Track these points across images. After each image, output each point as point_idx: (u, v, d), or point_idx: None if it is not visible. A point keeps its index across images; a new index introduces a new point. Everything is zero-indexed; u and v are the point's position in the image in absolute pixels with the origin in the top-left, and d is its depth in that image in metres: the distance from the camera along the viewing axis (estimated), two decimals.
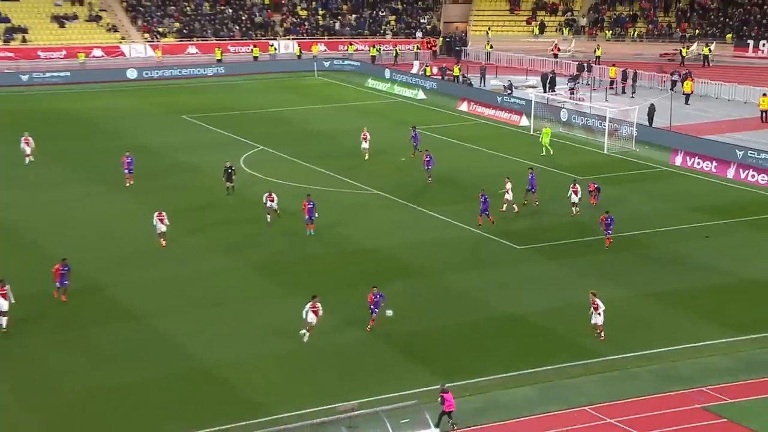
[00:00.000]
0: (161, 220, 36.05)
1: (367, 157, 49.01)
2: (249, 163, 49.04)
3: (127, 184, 43.88)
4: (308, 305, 28.20)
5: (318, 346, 28.14)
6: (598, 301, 28.61)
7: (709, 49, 78.30)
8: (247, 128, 57.46)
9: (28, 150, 48.53)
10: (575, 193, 39.71)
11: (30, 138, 48.78)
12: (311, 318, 28.20)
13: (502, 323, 29.94)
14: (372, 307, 29.08)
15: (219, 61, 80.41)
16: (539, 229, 37.96)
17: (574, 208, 39.73)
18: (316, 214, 37.10)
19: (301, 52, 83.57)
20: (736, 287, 32.96)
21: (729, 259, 35.58)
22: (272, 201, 38.47)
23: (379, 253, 35.83)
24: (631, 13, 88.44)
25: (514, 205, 39.96)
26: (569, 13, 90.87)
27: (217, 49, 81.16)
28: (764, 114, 59.19)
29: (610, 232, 36.16)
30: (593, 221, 39.24)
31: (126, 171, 44.24)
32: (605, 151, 52.23)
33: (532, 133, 56.68)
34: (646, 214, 40.87)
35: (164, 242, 35.99)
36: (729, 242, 37.53)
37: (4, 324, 28.70)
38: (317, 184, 45.11)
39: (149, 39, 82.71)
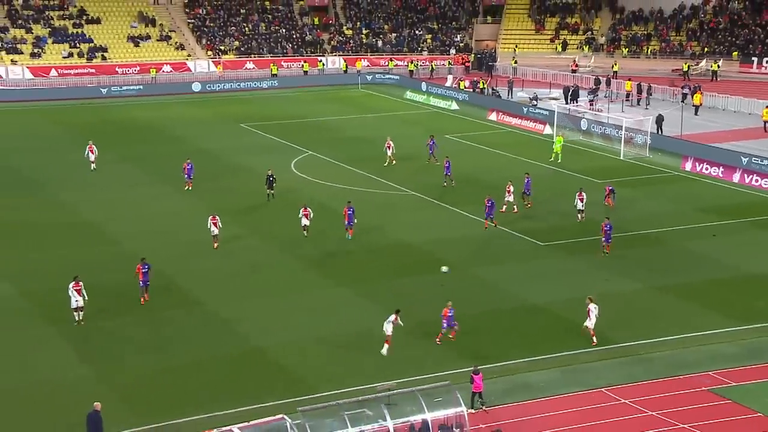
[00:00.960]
0: (215, 224, 35.28)
1: (394, 162, 48.25)
2: (298, 166, 49.14)
3: (186, 188, 43.66)
4: (390, 318, 26.46)
5: (358, 333, 28.08)
6: (591, 307, 27.03)
7: (718, 66, 77.06)
8: (297, 135, 57.61)
9: (92, 157, 47.83)
10: (581, 200, 38.37)
11: (94, 146, 48.20)
12: (390, 330, 26.43)
13: (526, 312, 29.66)
14: (444, 322, 27.11)
15: (274, 75, 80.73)
16: (560, 228, 37.54)
17: (579, 215, 38.42)
18: (355, 220, 36.38)
19: (347, 67, 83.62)
20: (740, 281, 32.36)
21: (734, 255, 34.93)
22: (306, 218, 36.23)
23: (412, 248, 35.70)
24: (645, 32, 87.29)
25: (515, 206, 39.37)
26: (589, 33, 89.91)
27: (272, 64, 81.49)
28: (766, 124, 58.04)
29: (609, 240, 34.46)
30: (611, 221, 38.77)
31: (186, 176, 43.86)
32: (621, 157, 51.57)
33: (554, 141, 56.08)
34: (658, 214, 40.27)
35: (217, 245, 35.29)
36: (734, 240, 36.86)
37: (80, 318, 28.39)
38: (358, 185, 45.12)
39: (212, 56, 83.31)
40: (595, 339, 27.14)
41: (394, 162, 48.53)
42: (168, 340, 27.54)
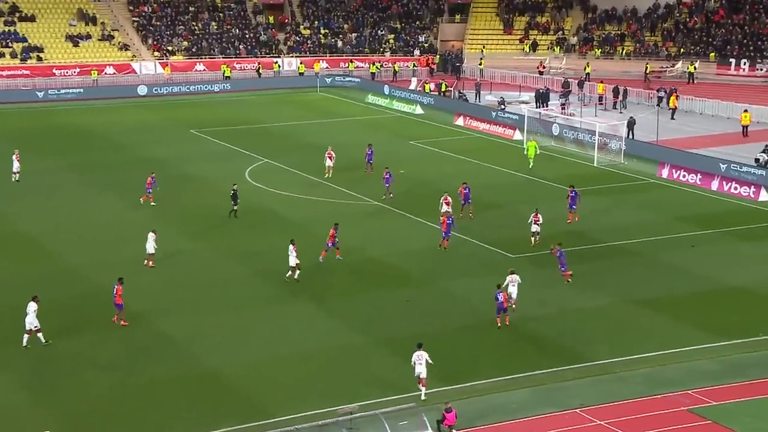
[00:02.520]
0: (155, 240, 34.81)
1: (330, 174, 47.66)
2: (253, 175, 49.04)
3: (141, 201, 43.10)
4: (414, 355, 25.38)
5: (320, 351, 28.07)
6: (516, 277, 30.59)
7: (694, 67, 78.49)
8: (252, 141, 57.51)
9: (15, 167, 46.74)
10: (536, 222, 37.00)
11: (18, 156, 47.11)
12: (420, 371, 25.21)
13: (497, 328, 29.88)
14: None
15: (226, 77, 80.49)
16: (526, 240, 37.85)
17: (533, 238, 37.08)
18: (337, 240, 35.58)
19: (304, 69, 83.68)
20: (720, 294, 32.95)
21: (713, 267, 35.57)
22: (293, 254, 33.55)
23: (375, 261, 35.81)
24: (619, 32, 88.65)
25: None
26: (560, 32, 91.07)
27: (224, 66, 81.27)
28: (745, 129, 59.27)
29: (564, 267, 33.26)
30: (583, 231, 39.28)
31: (148, 190, 42.89)
32: (595, 164, 52.27)
33: (524, 146, 56.67)
34: (634, 224, 40.86)
35: (152, 263, 34.82)
36: (713, 251, 37.53)
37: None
38: (318, 195, 45.17)
39: (159, 57, 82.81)
40: (515, 307, 30.12)
41: (330, 174, 47.65)
42: (113, 363, 27.28)
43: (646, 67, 79.48)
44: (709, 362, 27.63)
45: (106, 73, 78.97)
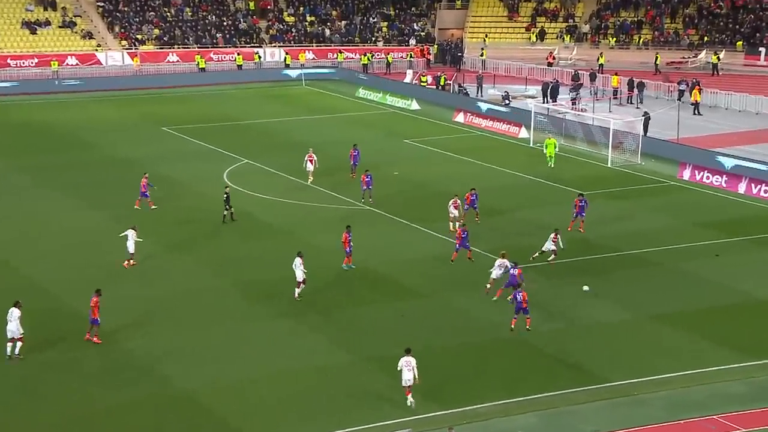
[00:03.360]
0: (134, 237, 35.50)
1: (311, 180, 47.24)
2: (233, 177, 48.94)
3: (136, 206, 42.84)
4: (402, 361, 25.81)
5: (303, 370, 27.95)
6: (504, 262, 32.86)
7: (718, 57, 78.65)
8: (231, 140, 57.40)
9: None
10: (554, 241, 35.92)
11: None
12: (409, 378, 25.73)
13: (503, 345, 29.81)
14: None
15: (202, 69, 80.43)
16: (538, 248, 37.79)
17: (538, 253, 36.15)
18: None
19: (289, 60, 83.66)
20: (749, 308, 32.92)
21: (740, 278, 35.55)
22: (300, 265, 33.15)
23: (368, 272, 35.69)
24: (636, 19, 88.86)
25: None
26: (570, 20, 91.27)
27: (199, 57, 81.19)
28: None
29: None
30: (596, 238, 39.25)
31: (143, 194, 42.75)
32: (609, 165, 52.31)
33: (531, 145, 56.75)
34: (653, 231, 40.86)
35: (130, 263, 35.47)
36: (740, 261, 37.53)
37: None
38: (304, 199, 45.07)
39: (127, 46, 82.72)
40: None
41: (311, 179, 47.09)
42: (78, 385, 27.10)
43: (656, 57, 79.69)
44: (736, 384, 27.57)
45: (67, 64, 78.86)
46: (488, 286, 33.24)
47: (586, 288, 33.49)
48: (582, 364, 28.43)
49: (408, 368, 25.62)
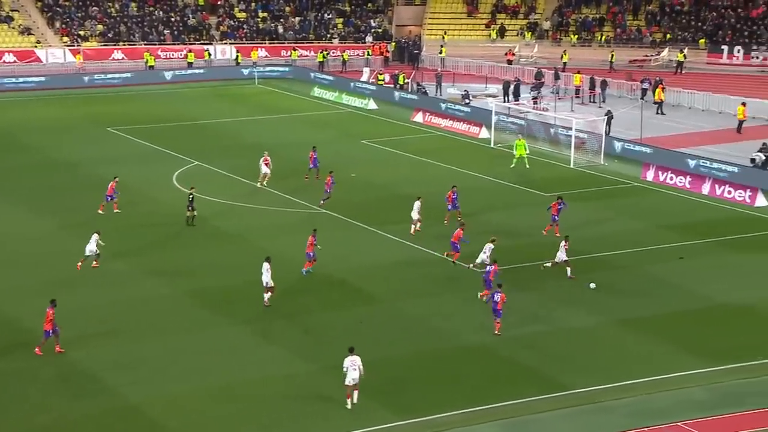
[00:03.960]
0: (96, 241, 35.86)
1: (264, 183, 47.16)
2: (182, 179, 48.76)
3: (100, 211, 42.63)
4: (347, 360, 26.22)
5: (257, 381, 27.97)
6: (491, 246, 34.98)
7: (684, 55, 79.81)
8: (181, 141, 57.17)
9: None
10: (566, 249, 36.07)
11: None
12: (354, 377, 26.20)
13: (464, 353, 30.05)
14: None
15: (150, 67, 79.93)
16: (502, 251, 38.16)
17: (568, 269, 35.93)
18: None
19: (240, 57, 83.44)
20: (713, 313, 33.48)
21: (704, 282, 36.15)
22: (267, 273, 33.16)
23: (326, 277, 35.79)
24: (598, 16, 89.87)
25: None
26: (531, 16, 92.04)
27: (146, 54, 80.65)
28: (740, 125, 60.42)
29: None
30: (559, 242, 39.64)
31: (108, 197, 42.59)
32: (572, 165, 52.88)
33: (492, 146, 57.21)
34: (617, 234, 41.40)
35: (86, 264, 35.80)
36: (704, 264, 38.15)
37: None
38: (258, 202, 45.03)
39: (69, 43, 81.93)
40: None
41: (263, 183, 47.08)
42: (15, 398, 26.87)
43: (611, 56, 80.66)
44: (701, 390, 28.01)
45: (4, 62, 77.93)
46: (471, 266, 35.73)
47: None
48: (546, 371, 28.76)
49: (353, 367, 26.16)
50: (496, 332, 30.87)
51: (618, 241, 40.21)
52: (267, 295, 33.04)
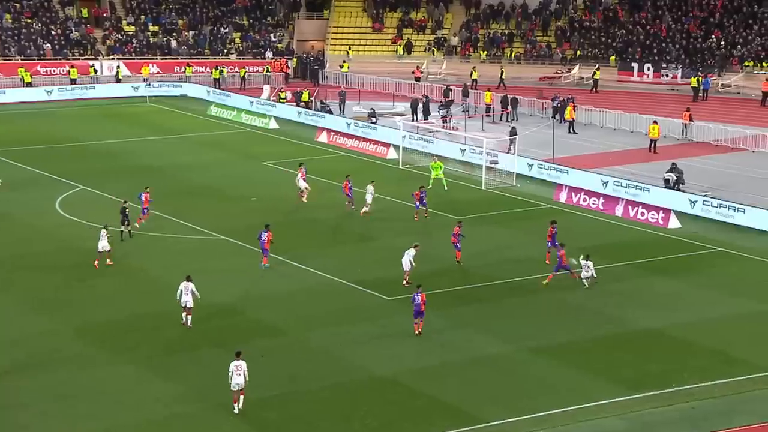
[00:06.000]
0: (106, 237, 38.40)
1: (305, 199, 48.65)
2: (66, 205, 47.84)
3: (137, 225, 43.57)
4: (233, 365, 27.97)
5: (147, 423, 27.49)
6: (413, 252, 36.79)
7: (599, 73, 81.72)
8: (64, 164, 56.21)
9: None
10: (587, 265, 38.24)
11: None
12: (239, 382, 27.87)
13: (372, 386, 30.03)
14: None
15: (27, 84, 78.37)
16: (411, 277, 38.35)
17: (585, 282, 38.43)
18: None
19: (128, 74, 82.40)
20: (628, 338, 34.10)
21: (620, 306, 36.87)
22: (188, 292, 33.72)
23: (222, 308, 35.44)
24: (507, 31, 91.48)
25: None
26: (439, 31, 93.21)
27: (22, 70, 79.17)
28: (653, 144, 62.07)
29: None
30: (469, 267, 40.08)
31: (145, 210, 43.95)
32: (483, 187, 53.51)
33: (401, 167, 57.56)
34: (530, 258, 41.94)
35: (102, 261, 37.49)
36: (618, 288, 38.89)
37: None
38: (148, 229, 44.39)
39: None
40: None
41: (305, 199, 48.67)
42: None
43: (502, 72, 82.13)
44: (617, 420, 28.43)
45: None
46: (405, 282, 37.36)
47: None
48: (459, 404, 28.90)
49: (238, 372, 27.45)
50: (418, 332, 33.10)
51: (530, 266, 40.74)
52: (189, 318, 33.47)
